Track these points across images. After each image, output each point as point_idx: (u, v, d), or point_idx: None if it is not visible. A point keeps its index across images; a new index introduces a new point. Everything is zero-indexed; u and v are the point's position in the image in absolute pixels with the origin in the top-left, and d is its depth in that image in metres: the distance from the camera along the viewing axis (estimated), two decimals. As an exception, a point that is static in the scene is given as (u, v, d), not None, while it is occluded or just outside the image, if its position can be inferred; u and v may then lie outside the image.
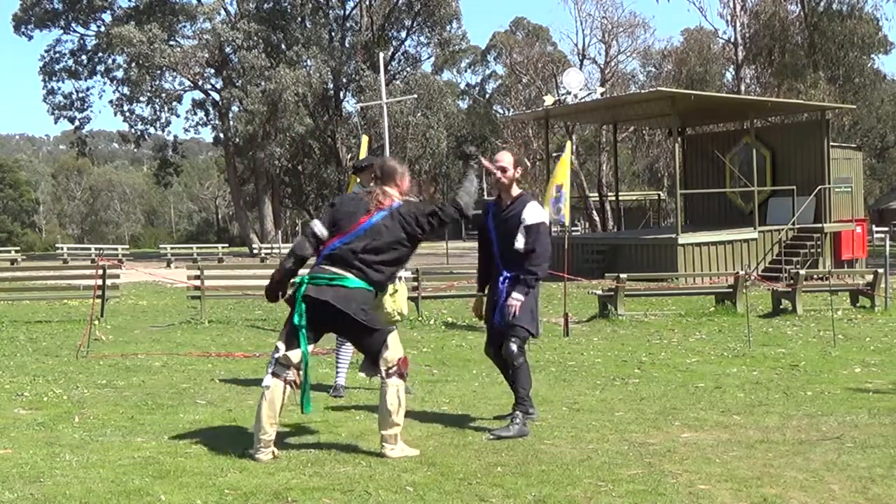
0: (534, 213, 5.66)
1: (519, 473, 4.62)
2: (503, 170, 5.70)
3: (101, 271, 13.43)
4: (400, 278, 7.25)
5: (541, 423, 5.98)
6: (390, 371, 5.00)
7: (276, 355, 4.94)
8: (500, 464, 4.84)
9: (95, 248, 41.69)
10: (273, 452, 4.87)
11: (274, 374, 4.90)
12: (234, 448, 5.02)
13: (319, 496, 4.18)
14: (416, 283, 14.38)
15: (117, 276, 15.00)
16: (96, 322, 12.51)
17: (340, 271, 4.92)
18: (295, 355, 4.91)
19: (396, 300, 7.20)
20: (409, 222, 5.05)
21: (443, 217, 5.15)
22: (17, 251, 38.77)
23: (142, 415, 6.19)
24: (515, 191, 5.78)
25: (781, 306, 14.63)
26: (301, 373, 4.95)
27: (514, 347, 5.65)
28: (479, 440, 5.47)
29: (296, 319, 4.91)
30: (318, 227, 5.06)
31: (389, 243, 5.00)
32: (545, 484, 4.41)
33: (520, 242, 5.64)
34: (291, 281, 5.13)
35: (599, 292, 14.77)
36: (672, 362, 9.86)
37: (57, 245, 50.14)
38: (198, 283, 14.03)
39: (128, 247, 54.03)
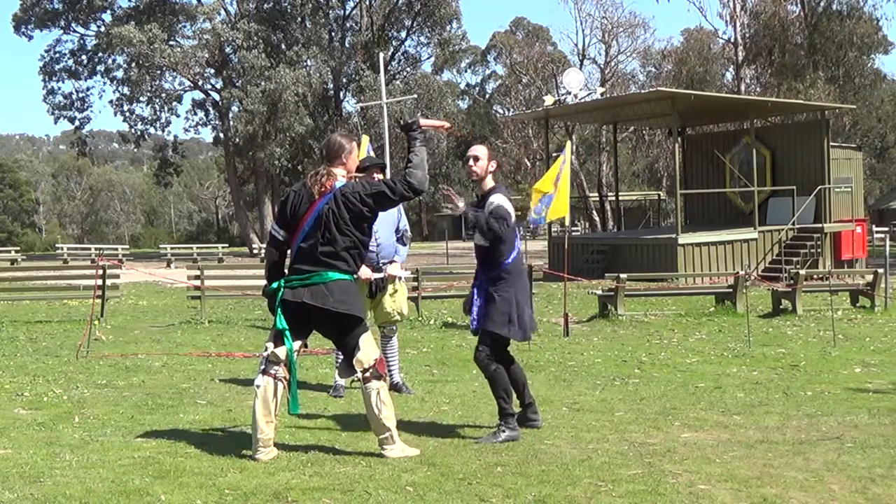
0: (498, 200, 5.54)
1: (519, 473, 4.62)
2: (475, 159, 5.59)
3: (101, 271, 13.43)
4: (400, 278, 7.27)
5: (540, 426, 5.96)
6: (367, 374, 4.94)
7: (265, 353, 4.96)
8: (500, 464, 4.83)
9: (95, 248, 41.66)
10: (272, 452, 4.87)
11: (264, 373, 4.91)
12: (234, 448, 5.02)
13: (319, 496, 4.17)
14: (416, 283, 14.37)
15: (117, 276, 14.99)
16: (96, 322, 12.51)
17: (311, 268, 4.88)
18: (283, 352, 4.92)
19: (396, 300, 7.22)
20: (353, 202, 4.87)
21: (392, 196, 4.96)
22: (17, 251, 38.75)
23: (142, 415, 6.19)
24: (489, 184, 5.66)
25: (781, 306, 14.62)
26: (288, 370, 4.94)
27: (482, 356, 5.52)
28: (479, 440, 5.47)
29: (278, 324, 4.92)
30: (274, 229, 5.03)
31: (341, 229, 4.86)
32: (545, 484, 4.41)
33: (484, 241, 5.48)
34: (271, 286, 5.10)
35: (599, 292, 14.77)
36: (672, 362, 9.86)
37: (57, 245, 50.11)
38: (198, 283, 14.03)
39: (128, 247, 54.01)
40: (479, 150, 5.69)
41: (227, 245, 48.99)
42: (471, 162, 5.62)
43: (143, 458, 4.83)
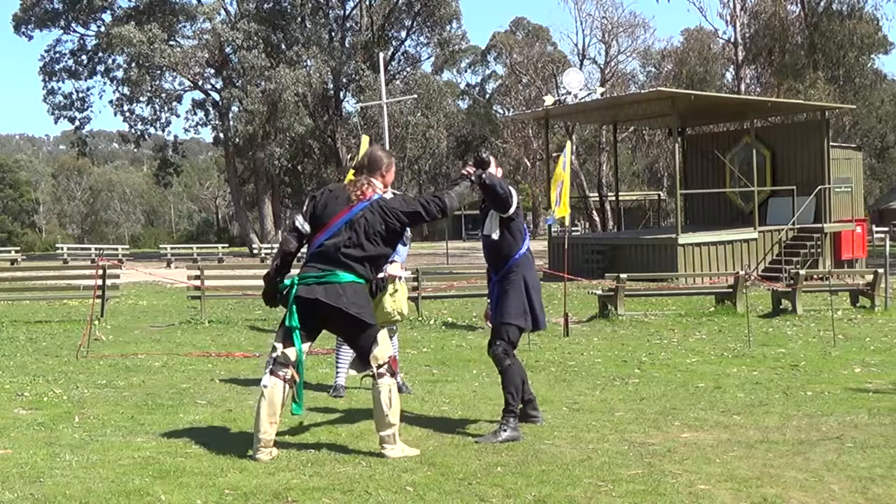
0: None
1: (519, 473, 4.62)
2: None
3: (101, 271, 13.43)
4: (400, 278, 7.26)
5: (541, 423, 5.98)
6: (381, 370, 4.97)
7: (274, 354, 4.95)
8: (500, 464, 4.84)
9: (95, 248, 41.67)
10: (272, 452, 4.87)
11: (272, 373, 4.90)
12: (234, 448, 5.02)
13: (319, 496, 4.18)
14: (416, 283, 14.37)
15: (117, 276, 15.01)
16: (96, 322, 12.52)
17: (328, 267, 4.90)
18: (292, 353, 4.92)
19: (396, 300, 7.20)
20: (390, 216, 4.98)
21: (426, 217, 5.12)
22: (17, 251, 38.77)
23: (142, 415, 6.19)
24: None
25: (781, 306, 14.62)
26: (297, 371, 4.95)
27: (498, 350, 5.61)
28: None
29: (288, 321, 4.93)
30: (299, 220, 5.08)
31: (370, 237, 4.93)
32: (545, 484, 4.41)
33: (495, 233, 5.62)
34: (283, 282, 5.10)
35: (599, 292, 14.77)
36: (672, 362, 9.86)
37: (57, 245, 50.14)
38: (198, 283, 14.04)
39: (128, 247, 54.04)
40: (490, 158, 5.77)
41: (227, 245, 48.99)
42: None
43: (143, 458, 4.84)
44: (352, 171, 5.95)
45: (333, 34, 44.91)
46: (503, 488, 4.33)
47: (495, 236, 5.63)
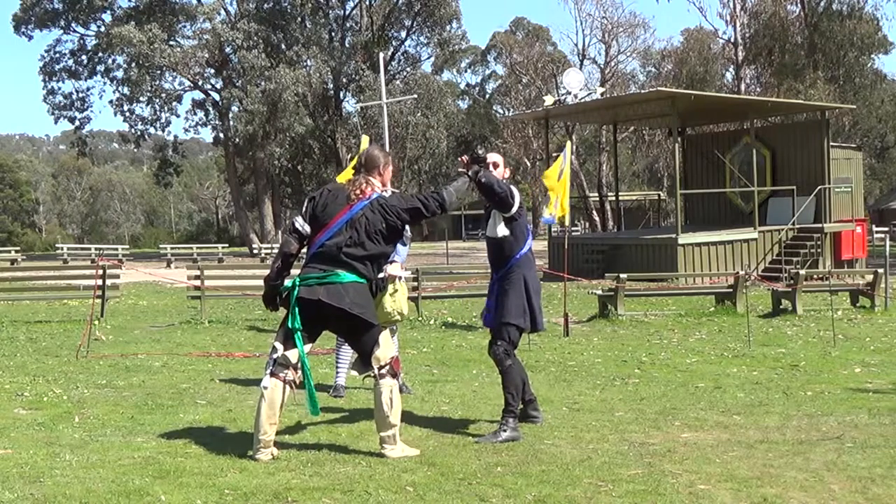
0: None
1: (519, 473, 4.62)
2: (494, 165, 5.76)
3: (101, 271, 13.43)
4: (400, 278, 7.26)
5: (541, 423, 5.99)
6: (383, 370, 4.98)
7: (275, 356, 4.93)
8: (500, 464, 4.84)
9: (95, 248, 41.65)
10: (272, 452, 4.87)
11: (272, 375, 4.89)
12: (234, 448, 5.02)
13: (319, 496, 4.18)
14: (416, 283, 14.37)
15: (117, 276, 15.00)
16: (96, 322, 12.52)
17: (329, 267, 4.89)
18: (293, 355, 4.91)
19: (396, 300, 7.19)
20: (391, 214, 4.98)
21: (425, 213, 5.14)
22: (17, 251, 38.75)
23: (142, 415, 6.19)
24: None
25: (781, 306, 14.62)
26: (300, 373, 4.95)
27: (499, 350, 5.65)
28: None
29: (290, 322, 4.91)
30: (299, 222, 5.07)
31: (371, 235, 4.93)
32: (545, 484, 4.41)
33: (500, 230, 5.67)
34: (284, 284, 5.09)
35: (599, 292, 14.76)
36: (672, 362, 9.86)
37: (57, 245, 50.13)
38: (198, 283, 14.03)
39: (128, 247, 53.99)
40: (498, 158, 5.86)
41: (227, 245, 48.99)
42: (490, 168, 5.69)
43: (143, 458, 4.84)
44: (348, 170, 5.96)
45: (333, 34, 44.93)
46: (503, 488, 4.33)
47: (501, 233, 5.67)
